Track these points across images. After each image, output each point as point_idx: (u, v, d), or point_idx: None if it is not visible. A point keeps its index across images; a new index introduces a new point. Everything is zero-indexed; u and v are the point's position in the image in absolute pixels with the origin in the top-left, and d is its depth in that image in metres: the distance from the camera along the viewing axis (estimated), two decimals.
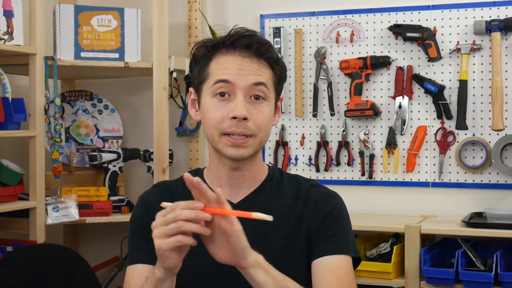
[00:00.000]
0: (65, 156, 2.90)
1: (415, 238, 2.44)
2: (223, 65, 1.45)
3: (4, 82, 2.48)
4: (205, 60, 1.48)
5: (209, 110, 1.45)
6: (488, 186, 2.68)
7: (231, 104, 1.43)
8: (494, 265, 2.33)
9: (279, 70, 1.50)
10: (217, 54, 1.47)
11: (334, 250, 1.46)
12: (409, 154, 2.77)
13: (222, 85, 1.43)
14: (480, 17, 2.68)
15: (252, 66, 1.44)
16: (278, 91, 1.52)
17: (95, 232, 3.15)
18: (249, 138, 1.44)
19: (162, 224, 1.23)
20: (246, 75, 1.43)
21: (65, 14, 2.69)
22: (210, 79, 1.46)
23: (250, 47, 1.44)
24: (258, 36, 1.48)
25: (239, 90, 1.43)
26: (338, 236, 1.48)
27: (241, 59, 1.44)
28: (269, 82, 1.47)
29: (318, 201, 1.51)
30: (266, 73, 1.46)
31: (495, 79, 2.60)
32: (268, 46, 1.47)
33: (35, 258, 2.42)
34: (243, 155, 1.44)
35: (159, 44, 2.71)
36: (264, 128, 1.46)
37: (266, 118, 1.46)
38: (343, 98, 2.88)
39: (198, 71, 1.49)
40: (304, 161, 2.95)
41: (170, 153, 2.82)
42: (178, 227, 1.21)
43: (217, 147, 1.46)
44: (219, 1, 3.08)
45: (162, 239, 1.23)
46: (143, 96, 3.12)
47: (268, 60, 1.47)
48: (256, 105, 1.45)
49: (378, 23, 2.83)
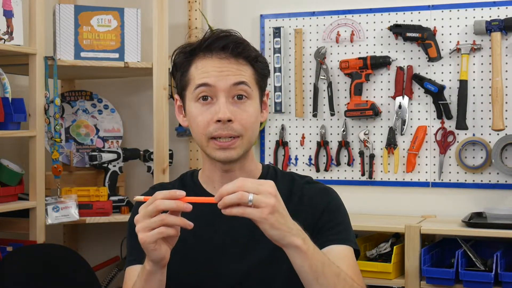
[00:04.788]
0: (65, 156, 2.90)
1: (415, 238, 2.44)
2: (202, 69, 1.46)
3: (4, 82, 2.48)
4: (185, 66, 1.49)
5: (194, 116, 1.47)
6: (488, 186, 2.68)
7: (214, 107, 1.44)
8: (494, 265, 2.33)
9: (260, 67, 1.50)
10: (196, 59, 1.47)
11: (338, 240, 1.46)
12: (409, 154, 2.77)
13: (204, 89, 1.44)
14: (480, 17, 2.68)
15: (231, 67, 1.45)
16: (262, 87, 1.52)
17: (95, 232, 3.15)
18: (236, 139, 1.44)
19: (144, 217, 1.24)
20: (225, 76, 1.44)
21: (65, 14, 2.69)
22: (191, 84, 1.47)
23: (226, 48, 1.45)
24: (234, 36, 1.48)
25: (221, 92, 1.43)
26: (339, 228, 1.49)
27: (219, 61, 1.45)
28: (250, 80, 1.47)
29: (313, 197, 1.52)
30: (246, 72, 1.47)
31: (495, 79, 2.60)
32: (244, 45, 1.47)
33: (35, 258, 2.42)
34: (232, 157, 1.45)
35: (159, 44, 2.71)
36: (250, 128, 1.46)
37: (251, 116, 1.46)
38: (343, 98, 2.88)
39: (180, 77, 1.51)
40: (304, 161, 2.95)
41: (170, 153, 2.82)
42: (160, 220, 1.23)
43: (206, 152, 1.47)
44: (219, 1, 3.08)
45: (145, 232, 1.24)
46: (143, 96, 3.12)
47: (247, 58, 1.47)
48: (239, 105, 1.45)
49: (378, 23, 2.83)
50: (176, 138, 3.02)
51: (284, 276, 1.44)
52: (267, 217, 1.21)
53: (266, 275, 1.46)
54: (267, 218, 1.21)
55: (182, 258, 1.46)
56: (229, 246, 1.48)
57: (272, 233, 1.23)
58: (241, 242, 1.47)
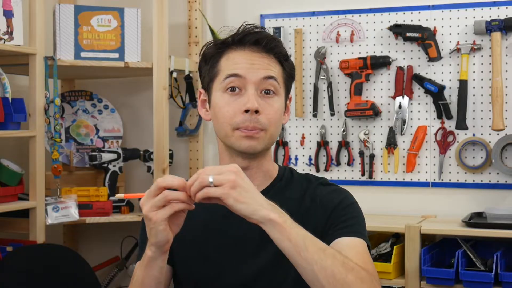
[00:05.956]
0: (65, 156, 2.90)
1: (415, 238, 2.44)
2: (233, 60, 1.46)
3: (4, 82, 2.48)
4: (215, 58, 1.49)
5: (220, 106, 1.46)
6: (488, 186, 2.68)
7: (243, 98, 1.44)
8: (494, 265, 2.33)
9: (288, 67, 1.51)
10: (227, 51, 1.48)
11: (349, 233, 1.44)
12: (409, 154, 2.77)
13: (233, 79, 1.44)
14: (480, 17, 2.68)
15: (262, 61, 1.45)
16: (288, 88, 1.53)
17: (95, 232, 3.15)
18: (261, 131, 1.44)
19: (149, 198, 1.25)
20: (256, 69, 1.44)
21: (65, 14, 2.69)
22: (220, 75, 1.47)
23: (259, 42, 1.46)
24: (267, 32, 1.50)
25: (250, 84, 1.44)
26: (350, 222, 1.47)
27: (251, 54, 1.46)
28: (279, 77, 1.48)
29: (325, 196, 1.51)
30: (276, 68, 1.47)
31: (495, 79, 2.60)
32: (277, 42, 1.49)
33: (35, 258, 2.42)
34: (256, 148, 1.45)
35: (159, 44, 2.71)
36: (274, 123, 1.46)
37: (277, 112, 1.47)
38: (343, 98, 2.88)
39: (208, 69, 1.50)
40: (304, 161, 2.95)
41: (170, 153, 2.82)
42: (164, 196, 1.24)
43: (229, 142, 1.46)
44: (219, 1, 3.08)
45: (153, 211, 1.24)
46: (143, 96, 3.12)
47: (278, 55, 1.48)
48: (267, 99, 1.45)
49: (378, 23, 2.83)
50: (176, 138, 3.02)
51: (294, 275, 1.44)
52: (229, 191, 1.21)
53: (275, 277, 1.46)
54: (229, 192, 1.21)
55: (193, 255, 1.46)
56: (240, 245, 1.47)
57: (239, 207, 1.22)
58: (252, 242, 1.46)
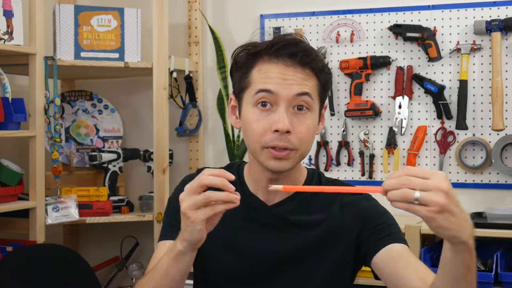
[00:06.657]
0: (65, 156, 2.90)
1: (415, 238, 2.44)
2: (265, 73, 1.39)
3: (4, 82, 2.48)
4: (247, 67, 1.42)
5: (250, 122, 1.40)
6: (488, 186, 2.68)
7: (273, 115, 1.37)
8: (494, 265, 2.33)
9: (324, 78, 1.43)
10: (260, 62, 1.41)
11: (397, 239, 1.43)
12: (409, 154, 2.77)
13: (264, 95, 1.37)
14: (480, 17, 2.68)
15: (296, 76, 1.38)
16: (323, 99, 1.46)
17: (95, 232, 3.15)
18: (291, 152, 1.39)
19: (189, 194, 1.22)
20: (289, 85, 1.37)
21: (65, 14, 2.69)
22: (251, 88, 1.40)
23: (294, 55, 1.38)
24: (304, 44, 1.42)
25: (282, 100, 1.37)
26: (393, 229, 1.45)
27: (285, 68, 1.38)
28: (313, 92, 1.40)
29: (355, 204, 1.47)
30: (310, 82, 1.40)
31: (495, 79, 2.60)
32: (314, 55, 1.41)
33: (35, 258, 2.42)
34: (285, 168, 1.40)
35: (159, 44, 2.71)
36: (305, 142, 1.40)
37: (309, 131, 1.40)
38: (343, 98, 2.88)
39: (239, 77, 1.44)
40: (304, 161, 2.93)
41: (170, 153, 2.82)
42: (205, 198, 1.20)
43: (258, 159, 1.42)
44: (219, 1, 3.08)
45: (193, 210, 1.21)
46: (143, 96, 3.12)
47: (313, 69, 1.40)
48: (299, 116, 1.38)
49: (378, 23, 2.83)
50: (176, 138, 3.02)
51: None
52: (435, 216, 1.09)
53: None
54: (434, 217, 1.09)
55: (221, 251, 1.47)
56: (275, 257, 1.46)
57: (439, 231, 1.14)
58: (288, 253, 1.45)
